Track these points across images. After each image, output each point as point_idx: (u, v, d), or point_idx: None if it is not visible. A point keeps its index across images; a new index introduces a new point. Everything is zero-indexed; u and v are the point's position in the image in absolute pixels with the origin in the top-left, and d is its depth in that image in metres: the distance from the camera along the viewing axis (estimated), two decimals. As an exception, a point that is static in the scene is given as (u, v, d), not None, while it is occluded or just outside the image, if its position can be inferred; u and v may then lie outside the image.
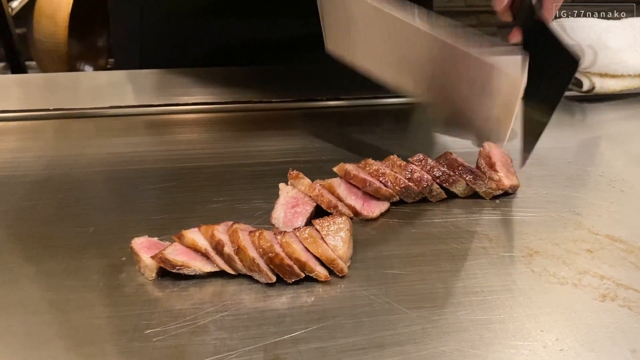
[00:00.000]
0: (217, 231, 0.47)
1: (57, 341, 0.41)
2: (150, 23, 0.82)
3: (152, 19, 0.82)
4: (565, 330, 0.42)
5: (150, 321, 0.43)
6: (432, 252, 0.50)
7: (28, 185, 0.59)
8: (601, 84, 0.75)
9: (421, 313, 0.43)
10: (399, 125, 0.73)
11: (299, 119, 0.74)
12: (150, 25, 0.82)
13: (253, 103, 0.76)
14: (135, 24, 0.83)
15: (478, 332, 0.42)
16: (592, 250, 0.50)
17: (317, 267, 0.46)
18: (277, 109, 0.76)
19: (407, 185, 0.54)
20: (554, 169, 0.62)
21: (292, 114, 0.75)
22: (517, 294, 0.45)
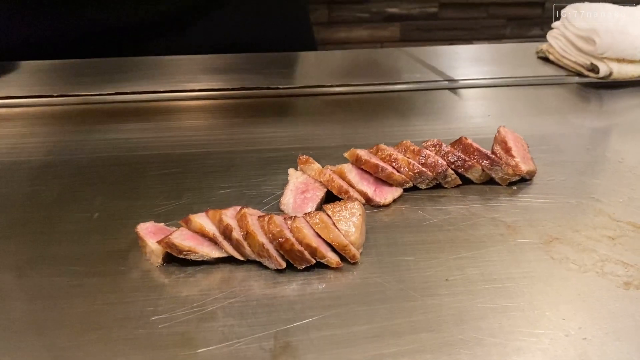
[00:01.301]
0: (225, 216, 0.46)
1: (61, 327, 0.40)
2: None
3: None
4: (588, 319, 0.40)
5: (157, 307, 0.41)
6: (447, 239, 0.48)
7: (32, 171, 0.58)
8: (619, 70, 0.73)
9: (437, 300, 0.42)
10: (410, 110, 0.71)
11: (307, 105, 0.72)
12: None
13: (261, 89, 0.74)
14: None
15: (497, 320, 0.40)
16: (613, 237, 0.48)
17: (329, 253, 0.45)
18: (285, 95, 0.74)
19: (421, 171, 0.53)
20: (572, 155, 0.60)
21: (301, 100, 0.74)
22: (537, 282, 0.44)
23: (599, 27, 0.72)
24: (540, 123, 0.68)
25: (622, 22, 0.73)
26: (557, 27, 0.80)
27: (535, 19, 2.30)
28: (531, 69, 0.80)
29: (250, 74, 0.68)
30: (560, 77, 0.77)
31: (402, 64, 0.83)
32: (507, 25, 2.30)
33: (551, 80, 0.77)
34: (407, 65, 0.82)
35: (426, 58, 0.86)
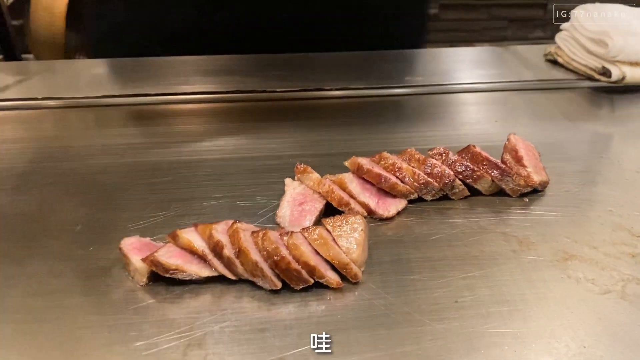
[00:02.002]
0: (216, 231, 0.42)
1: (35, 353, 0.36)
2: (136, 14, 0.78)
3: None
4: (610, 347, 0.37)
5: (141, 332, 0.38)
6: (455, 256, 0.45)
7: (13, 179, 0.55)
8: (632, 74, 0.70)
9: (446, 325, 0.38)
10: (414, 115, 0.68)
11: (305, 110, 0.69)
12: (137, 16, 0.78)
13: (256, 92, 0.71)
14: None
15: (512, 348, 0.37)
16: (634, 255, 0.45)
17: (328, 272, 0.41)
18: (282, 98, 0.71)
19: (426, 181, 0.49)
20: (585, 164, 0.57)
21: (298, 104, 0.70)
22: (553, 304, 0.40)
23: (611, 29, 0.69)
24: (550, 129, 0.64)
25: (635, 24, 0.70)
26: (566, 28, 0.77)
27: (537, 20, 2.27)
28: (539, 72, 0.77)
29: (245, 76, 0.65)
30: (570, 81, 0.74)
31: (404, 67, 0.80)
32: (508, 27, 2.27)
33: (560, 84, 0.74)
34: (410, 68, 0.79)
35: (430, 61, 0.83)
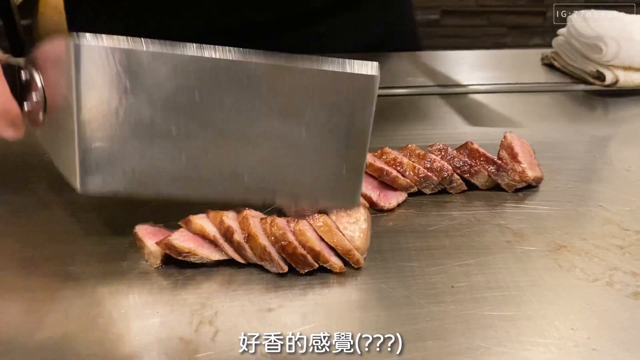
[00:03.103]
0: (227, 217, 0.45)
1: (58, 327, 0.39)
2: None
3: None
4: (597, 329, 0.39)
5: (154, 310, 0.40)
6: (452, 245, 0.47)
7: (31, 167, 0.57)
8: (625, 78, 0.72)
9: (443, 308, 0.41)
10: (416, 115, 0.70)
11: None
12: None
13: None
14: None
15: (505, 329, 0.39)
16: (622, 246, 0.47)
17: (332, 257, 0.44)
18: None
19: (426, 175, 0.52)
20: (579, 163, 0.59)
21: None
22: (545, 290, 0.43)
23: (606, 35, 0.72)
24: (545, 130, 0.67)
25: (629, 30, 0.72)
26: (562, 34, 0.80)
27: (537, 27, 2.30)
28: (536, 75, 0.80)
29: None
30: (566, 84, 0.77)
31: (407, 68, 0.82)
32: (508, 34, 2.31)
33: (556, 87, 0.77)
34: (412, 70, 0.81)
35: (433, 63, 0.85)
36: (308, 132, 0.41)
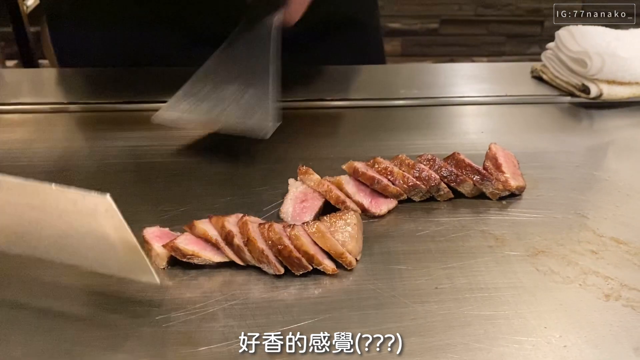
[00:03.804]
0: (228, 222, 0.48)
1: (70, 323, 0.42)
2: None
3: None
4: (568, 328, 0.43)
5: (161, 308, 0.43)
6: (438, 249, 0.50)
7: (43, 175, 0.60)
8: (609, 91, 0.76)
9: (427, 307, 0.44)
10: (407, 125, 0.74)
11: (306, 118, 0.75)
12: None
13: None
14: None
15: (483, 327, 0.42)
16: (596, 252, 0.50)
17: (325, 260, 0.47)
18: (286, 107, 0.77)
19: (415, 184, 0.55)
20: (561, 172, 0.63)
21: (301, 113, 0.76)
22: (522, 292, 0.46)
23: (591, 50, 0.75)
24: (532, 140, 0.70)
25: (613, 46, 0.76)
26: (551, 48, 0.83)
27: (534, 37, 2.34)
28: (525, 88, 0.83)
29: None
30: (553, 97, 0.80)
31: (400, 80, 0.86)
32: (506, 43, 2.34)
33: (544, 99, 0.80)
34: (405, 82, 0.84)
35: (425, 75, 0.89)
36: None
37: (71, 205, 0.38)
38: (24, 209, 0.40)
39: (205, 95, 0.59)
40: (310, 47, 0.84)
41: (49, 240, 0.41)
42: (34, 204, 0.39)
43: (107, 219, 0.38)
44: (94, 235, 0.39)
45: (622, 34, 0.79)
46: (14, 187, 0.39)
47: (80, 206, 0.38)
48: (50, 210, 0.39)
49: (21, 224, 0.41)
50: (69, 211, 0.38)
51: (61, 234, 0.40)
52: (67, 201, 0.38)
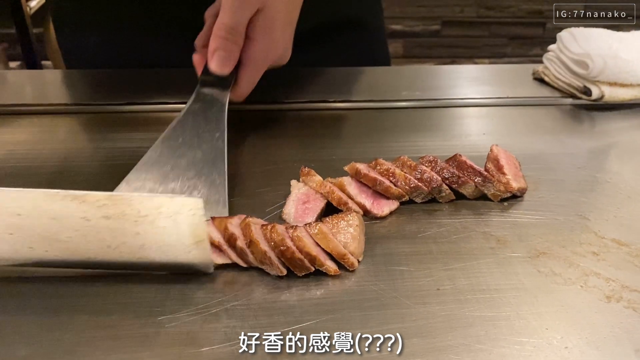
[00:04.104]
0: (231, 224, 0.48)
1: (72, 324, 0.42)
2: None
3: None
4: (570, 329, 0.43)
5: (164, 308, 0.44)
6: (440, 251, 0.51)
7: (45, 177, 0.61)
8: (610, 93, 0.76)
9: (428, 308, 0.44)
10: (409, 127, 0.74)
11: (309, 120, 0.75)
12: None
13: (265, 103, 0.77)
14: None
15: (484, 328, 0.43)
16: (598, 253, 0.51)
17: (327, 261, 0.47)
18: (288, 109, 0.77)
19: (416, 185, 0.55)
20: (562, 174, 0.63)
21: (303, 114, 0.76)
22: (523, 293, 0.46)
23: (592, 52, 0.75)
24: (533, 142, 0.70)
25: (615, 48, 0.76)
26: (552, 50, 0.83)
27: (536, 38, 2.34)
28: (527, 89, 0.83)
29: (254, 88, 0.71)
30: (555, 99, 0.80)
31: (403, 82, 0.86)
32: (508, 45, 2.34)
33: (546, 101, 0.80)
34: (407, 83, 0.85)
35: (427, 77, 0.89)
36: None
37: (154, 210, 0.43)
38: (98, 220, 0.44)
39: (151, 189, 0.54)
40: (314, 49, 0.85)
41: (110, 247, 0.45)
42: (110, 214, 0.43)
43: (188, 218, 0.44)
44: (167, 232, 0.44)
45: (624, 36, 0.80)
46: (92, 200, 0.43)
47: (165, 209, 0.43)
48: (128, 217, 0.43)
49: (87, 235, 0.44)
50: (149, 215, 0.44)
51: (128, 240, 0.45)
52: (151, 207, 0.43)
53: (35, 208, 0.43)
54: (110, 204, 0.43)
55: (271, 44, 0.64)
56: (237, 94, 0.65)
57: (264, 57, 0.64)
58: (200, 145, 0.56)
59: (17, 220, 0.43)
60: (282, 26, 0.65)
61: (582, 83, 0.77)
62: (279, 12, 0.63)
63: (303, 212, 0.54)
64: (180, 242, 0.45)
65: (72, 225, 0.44)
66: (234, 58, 0.61)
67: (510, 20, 2.27)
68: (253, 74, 0.64)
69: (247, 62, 0.63)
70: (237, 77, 0.64)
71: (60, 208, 0.43)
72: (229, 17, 0.60)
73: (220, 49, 0.60)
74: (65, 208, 0.43)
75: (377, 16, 0.96)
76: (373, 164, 0.57)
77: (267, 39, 0.63)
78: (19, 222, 0.44)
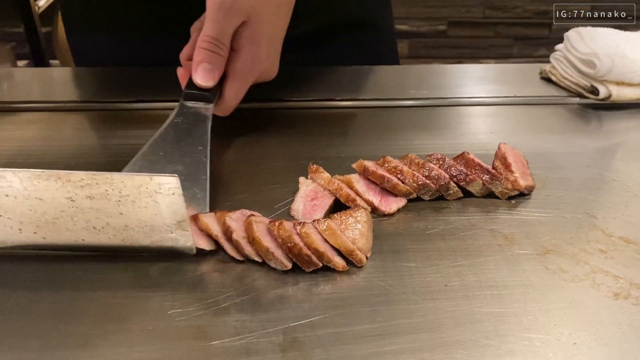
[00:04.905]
0: (230, 218, 0.49)
1: (85, 317, 0.43)
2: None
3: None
4: (578, 325, 0.43)
5: (174, 302, 0.44)
6: (447, 248, 0.51)
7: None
8: (617, 92, 0.76)
9: (436, 304, 0.44)
10: (417, 125, 0.74)
11: (317, 118, 0.75)
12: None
13: (273, 101, 0.78)
14: None
15: (492, 324, 0.43)
16: (605, 251, 0.51)
17: (335, 257, 0.48)
18: (296, 107, 0.78)
19: (424, 183, 0.56)
20: (570, 173, 0.63)
21: (312, 113, 0.77)
22: (531, 290, 0.46)
23: (600, 51, 0.75)
24: (541, 141, 0.70)
25: (622, 47, 0.76)
26: (559, 49, 0.83)
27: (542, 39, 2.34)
28: (534, 89, 0.83)
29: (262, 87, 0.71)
30: (562, 98, 0.80)
31: (410, 81, 0.86)
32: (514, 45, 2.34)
33: (553, 100, 0.80)
34: (415, 82, 0.85)
35: (434, 76, 0.89)
36: None
37: (135, 189, 0.44)
38: (82, 201, 0.45)
39: None
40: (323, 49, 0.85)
41: (96, 227, 0.47)
42: (92, 194, 0.45)
43: (168, 197, 0.45)
44: (148, 214, 0.46)
45: (631, 36, 0.80)
46: (76, 180, 0.44)
47: (144, 189, 0.44)
48: (110, 197, 0.45)
49: (68, 214, 0.46)
50: (129, 195, 0.45)
51: (112, 220, 0.46)
52: (132, 186, 0.44)
53: (22, 189, 0.44)
54: (93, 184, 0.44)
55: (256, 56, 0.63)
56: (222, 107, 0.64)
57: (249, 69, 0.63)
58: (182, 159, 0.56)
59: (5, 201, 0.45)
60: (268, 39, 0.64)
61: (590, 82, 0.77)
62: (265, 25, 0.62)
63: (311, 208, 0.54)
64: (162, 222, 0.46)
65: (58, 205, 0.45)
66: (218, 70, 0.60)
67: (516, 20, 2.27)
68: (238, 87, 0.63)
69: (232, 74, 0.62)
70: (222, 91, 0.63)
71: (46, 188, 0.44)
72: (212, 28, 0.59)
73: (205, 61, 0.59)
74: (50, 188, 0.44)
75: (387, 17, 0.96)
76: (381, 161, 0.58)
77: (252, 51, 0.62)
78: (7, 202, 0.45)
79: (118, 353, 0.40)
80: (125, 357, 0.40)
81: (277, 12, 0.63)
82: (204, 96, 0.61)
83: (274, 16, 0.64)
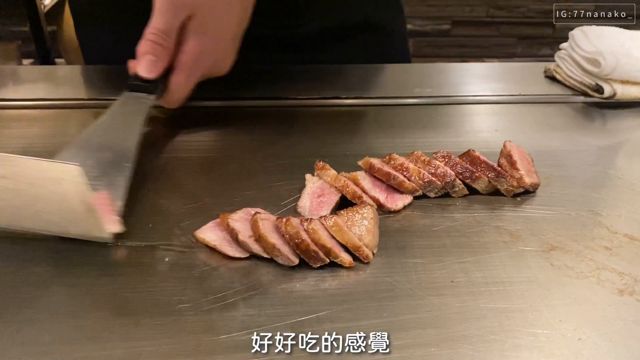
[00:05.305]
0: (232, 220, 0.49)
1: (95, 311, 0.43)
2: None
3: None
4: (583, 321, 0.43)
5: (183, 297, 0.44)
6: (453, 244, 0.51)
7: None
8: (622, 91, 0.76)
9: (442, 300, 0.45)
10: (422, 123, 0.74)
11: (323, 116, 0.76)
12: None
13: (280, 99, 0.78)
14: None
15: (498, 320, 0.43)
16: (610, 248, 0.51)
17: (342, 253, 0.48)
18: (302, 105, 0.78)
19: (430, 180, 0.56)
20: (575, 171, 0.63)
21: (318, 110, 0.77)
22: (536, 286, 0.47)
23: (604, 50, 0.76)
24: (546, 139, 0.71)
25: (627, 46, 0.76)
26: (564, 48, 0.83)
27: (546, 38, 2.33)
28: (539, 87, 0.83)
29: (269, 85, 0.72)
30: (566, 96, 0.81)
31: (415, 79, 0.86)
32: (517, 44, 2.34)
33: (557, 98, 0.81)
34: (420, 81, 0.85)
35: (439, 74, 0.89)
36: None
37: (41, 174, 0.45)
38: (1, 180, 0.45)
39: None
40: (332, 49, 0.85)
41: (18, 208, 0.47)
42: (5, 174, 0.45)
43: (72, 185, 0.45)
44: (58, 199, 0.46)
45: (636, 34, 0.80)
46: None
47: (50, 174, 0.45)
48: (20, 179, 0.45)
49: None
50: (38, 179, 0.45)
51: (28, 201, 0.47)
52: (38, 171, 0.45)
53: None
54: (1, 163, 0.45)
55: (202, 50, 0.63)
56: (168, 99, 0.64)
57: (194, 62, 0.63)
58: (111, 147, 0.56)
59: None
60: (215, 33, 0.63)
61: (594, 81, 0.78)
62: (213, 18, 0.62)
63: (318, 205, 0.54)
64: (71, 209, 0.46)
65: None
66: (162, 62, 0.61)
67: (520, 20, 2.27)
68: (183, 80, 0.64)
69: (177, 67, 0.63)
70: (168, 83, 0.63)
71: None
72: (158, 21, 0.60)
73: (149, 53, 0.60)
74: None
75: (397, 18, 0.96)
76: (387, 158, 0.58)
77: (197, 44, 0.62)
78: None
79: (127, 347, 0.40)
80: (134, 350, 0.40)
81: (227, 6, 0.63)
82: (146, 87, 0.62)
83: (224, 10, 0.63)
